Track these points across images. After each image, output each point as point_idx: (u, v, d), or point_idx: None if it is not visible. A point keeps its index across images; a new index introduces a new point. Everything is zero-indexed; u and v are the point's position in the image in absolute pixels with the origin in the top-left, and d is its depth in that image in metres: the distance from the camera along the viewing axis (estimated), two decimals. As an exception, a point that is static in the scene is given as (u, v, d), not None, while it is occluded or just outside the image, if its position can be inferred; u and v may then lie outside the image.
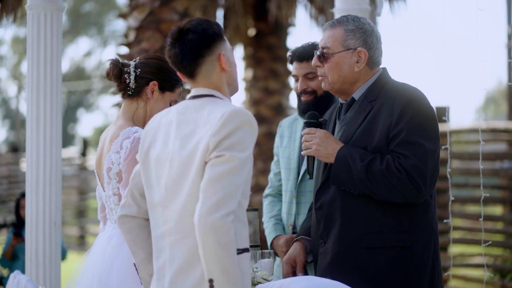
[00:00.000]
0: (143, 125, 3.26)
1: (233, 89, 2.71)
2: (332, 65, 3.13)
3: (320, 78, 3.20)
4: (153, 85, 3.27)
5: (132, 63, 3.29)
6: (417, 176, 2.94)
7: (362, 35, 3.12)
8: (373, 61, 3.15)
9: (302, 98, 3.83)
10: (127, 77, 3.25)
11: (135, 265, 2.78)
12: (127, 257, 2.92)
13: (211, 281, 2.38)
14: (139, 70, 3.27)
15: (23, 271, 4.33)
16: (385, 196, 2.98)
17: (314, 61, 3.19)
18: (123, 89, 3.29)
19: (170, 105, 3.29)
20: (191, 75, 2.64)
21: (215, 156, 2.45)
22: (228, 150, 2.45)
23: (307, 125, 3.20)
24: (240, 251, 2.49)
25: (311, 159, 3.25)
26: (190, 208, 2.49)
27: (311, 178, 3.27)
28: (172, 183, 2.56)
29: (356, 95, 3.16)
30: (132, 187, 2.74)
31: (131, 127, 3.19)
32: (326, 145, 3.09)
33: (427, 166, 2.96)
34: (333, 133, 3.23)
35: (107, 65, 3.29)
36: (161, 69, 3.29)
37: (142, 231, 2.74)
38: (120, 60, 3.29)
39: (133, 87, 3.26)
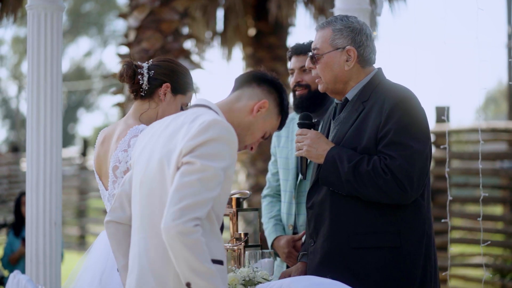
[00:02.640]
0: None
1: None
2: (323, 66, 3.13)
3: (316, 80, 3.21)
4: (166, 87, 3.26)
5: (145, 65, 3.29)
6: (403, 177, 2.93)
7: (350, 34, 3.11)
8: (364, 59, 3.14)
9: (297, 92, 3.83)
10: (140, 79, 3.25)
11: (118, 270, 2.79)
12: None
13: (188, 284, 2.36)
14: (153, 72, 3.26)
15: (23, 272, 4.33)
16: (371, 197, 2.98)
17: (307, 62, 3.20)
18: (136, 90, 3.27)
19: (182, 108, 3.29)
20: (239, 84, 2.71)
21: (187, 162, 2.41)
22: (201, 159, 2.40)
23: (300, 126, 3.22)
24: (214, 261, 2.43)
25: (304, 159, 3.26)
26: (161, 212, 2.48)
27: (304, 178, 3.29)
28: (147, 185, 2.55)
29: (350, 95, 3.15)
30: (121, 192, 2.75)
31: (137, 125, 3.19)
32: (317, 146, 3.10)
33: (414, 167, 2.94)
34: (328, 132, 3.23)
35: (121, 66, 3.28)
36: (174, 72, 3.29)
37: (125, 238, 2.74)
38: (134, 62, 3.28)
39: (146, 88, 3.25)
